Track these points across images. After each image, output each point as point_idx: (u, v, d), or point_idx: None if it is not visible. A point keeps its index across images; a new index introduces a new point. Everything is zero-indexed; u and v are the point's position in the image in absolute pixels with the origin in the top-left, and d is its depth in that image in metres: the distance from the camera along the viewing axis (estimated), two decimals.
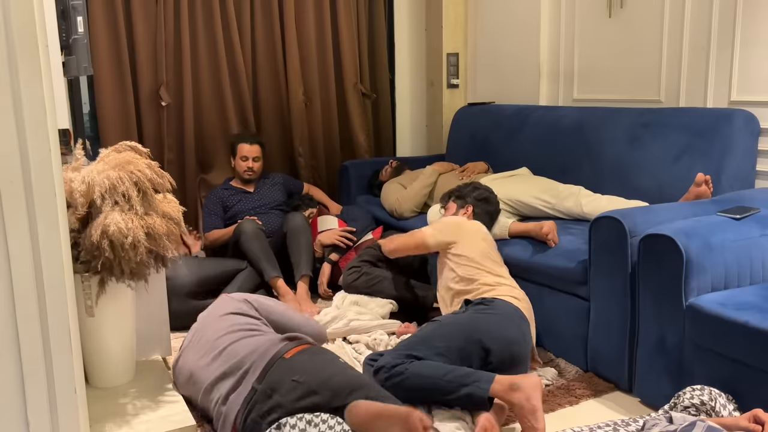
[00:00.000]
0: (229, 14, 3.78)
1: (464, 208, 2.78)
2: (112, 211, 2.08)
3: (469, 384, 1.99)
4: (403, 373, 2.05)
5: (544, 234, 2.61)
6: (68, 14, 2.62)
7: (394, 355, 2.13)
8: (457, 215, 2.76)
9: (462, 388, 1.99)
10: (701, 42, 2.90)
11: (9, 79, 1.41)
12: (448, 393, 2.01)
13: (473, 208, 2.77)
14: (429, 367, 2.06)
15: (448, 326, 2.25)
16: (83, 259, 2.10)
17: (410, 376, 2.04)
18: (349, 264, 3.14)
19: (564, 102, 3.69)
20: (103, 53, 3.52)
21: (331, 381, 1.84)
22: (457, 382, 2.00)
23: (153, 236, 2.14)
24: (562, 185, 3.03)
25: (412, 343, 2.20)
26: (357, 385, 1.84)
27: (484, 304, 2.33)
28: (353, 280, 3.03)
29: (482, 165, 3.58)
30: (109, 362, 2.29)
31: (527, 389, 1.92)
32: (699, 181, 2.50)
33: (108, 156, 2.26)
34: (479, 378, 2.00)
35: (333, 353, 2.05)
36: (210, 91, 3.84)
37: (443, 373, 2.03)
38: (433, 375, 2.03)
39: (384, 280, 3.01)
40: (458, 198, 2.84)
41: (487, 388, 1.96)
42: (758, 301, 1.92)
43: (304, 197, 3.83)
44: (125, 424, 2.03)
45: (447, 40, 4.26)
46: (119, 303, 2.25)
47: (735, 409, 1.82)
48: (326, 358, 1.98)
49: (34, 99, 1.44)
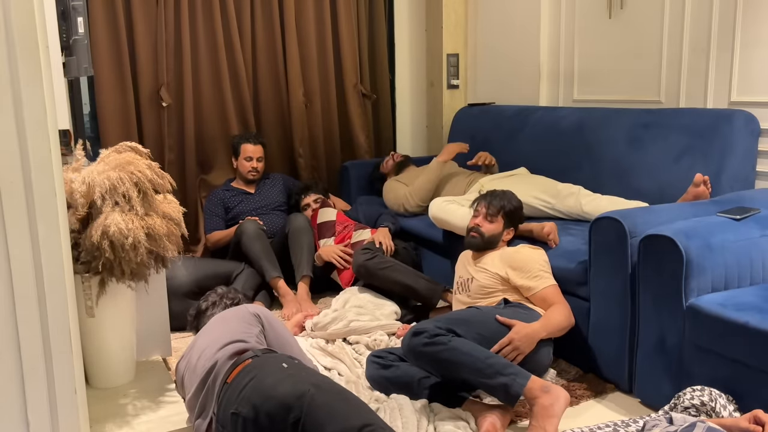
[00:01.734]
0: (230, 14, 3.78)
1: (508, 231, 2.65)
2: (112, 211, 2.09)
3: (507, 375, 1.99)
4: (446, 344, 2.05)
5: (546, 234, 2.61)
6: (68, 15, 2.62)
7: (435, 324, 2.13)
8: (501, 234, 2.63)
9: (499, 377, 2.00)
10: (701, 43, 2.90)
11: (9, 79, 1.41)
12: (484, 377, 2.01)
13: (513, 233, 2.70)
14: (471, 346, 2.06)
15: (490, 316, 2.27)
16: (83, 259, 2.10)
17: (451, 348, 2.04)
18: (363, 246, 3.11)
19: (564, 103, 3.69)
20: (104, 54, 3.52)
21: (276, 391, 1.67)
22: (495, 369, 2.01)
23: (153, 237, 2.14)
24: (561, 184, 3.03)
25: (452, 320, 2.20)
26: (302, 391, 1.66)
27: (523, 309, 2.35)
28: (366, 260, 2.97)
29: (491, 156, 3.53)
30: (110, 362, 2.29)
31: (556, 395, 1.95)
32: (697, 182, 2.50)
33: (108, 156, 2.27)
34: (517, 372, 2.01)
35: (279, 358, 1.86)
36: (210, 91, 3.84)
37: (485, 356, 2.04)
38: (474, 354, 2.04)
39: (395, 266, 2.97)
40: (509, 219, 2.64)
41: (523, 384, 1.97)
42: (758, 301, 1.92)
43: (304, 186, 3.80)
44: (125, 425, 2.03)
45: (447, 41, 4.26)
46: (119, 303, 2.26)
47: (735, 409, 1.82)
48: (267, 370, 1.77)
49: (34, 99, 1.44)
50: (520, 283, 2.43)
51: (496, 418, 2.00)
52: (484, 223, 2.61)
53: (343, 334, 2.74)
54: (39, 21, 1.46)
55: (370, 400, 2.21)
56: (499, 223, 2.62)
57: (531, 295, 2.41)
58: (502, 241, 2.64)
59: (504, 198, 2.66)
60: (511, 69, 3.97)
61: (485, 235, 2.60)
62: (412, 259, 3.30)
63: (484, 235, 2.60)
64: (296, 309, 3.09)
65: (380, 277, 2.95)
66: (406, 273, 2.97)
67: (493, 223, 2.61)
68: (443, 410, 2.09)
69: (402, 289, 2.95)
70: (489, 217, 2.62)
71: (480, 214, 2.64)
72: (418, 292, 2.95)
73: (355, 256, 3.06)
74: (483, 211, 2.64)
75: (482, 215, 2.63)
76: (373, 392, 2.26)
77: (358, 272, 3.02)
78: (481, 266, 2.55)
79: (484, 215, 2.62)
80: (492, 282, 2.48)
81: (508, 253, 2.52)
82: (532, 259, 2.46)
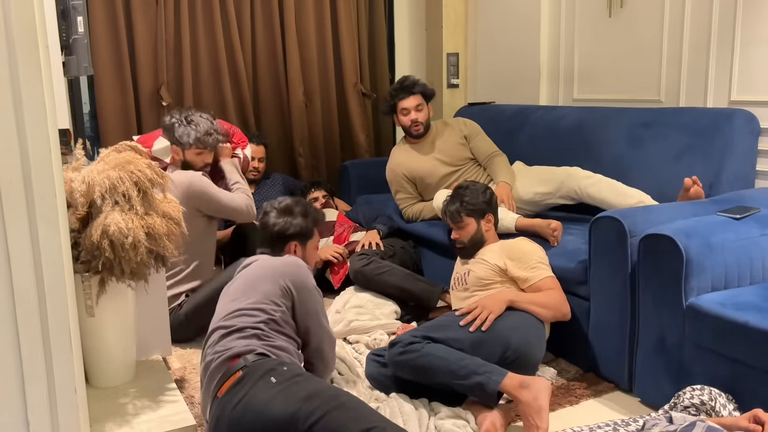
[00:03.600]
0: (229, 14, 3.78)
1: (486, 219, 2.61)
2: (112, 211, 2.08)
3: (481, 374, 2.01)
4: (419, 351, 2.08)
5: (552, 230, 2.60)
6: (68, 14, 2.62)
7: (411, 334, 2.16)
8: (479, 229, 2.60)
9: (474, 376, 2.01)
10: (701, 42, 2.90)
11: (9, 79, 1.41)
12: (459, 378, 2.03)
13: (494, 217, 2.66)
14: (445, 350, 2.08)
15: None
16: (83, 259, 2.10)
17: (425, 354, 2.07)
18: (359, 252, 3.11)
19: (564, 102, 3.69)
20: (104, 53, 3.52)
21: (267, 412, 1.67)
22: (469, 369, 2.03)
23: (153, 236, 2.14)
24: (558, 169, 3.00)
25: (429, 327, 2.23)
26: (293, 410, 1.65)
27: (521, 309, 2.33)
28: (362, 266, 2.98)
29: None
30: (110, 362, 2.29)
31: (536, 388, 1.95)
32: (687, 186, 2.49)
33: (108, 156, 2.27)
34: (492, 370, 2.02)
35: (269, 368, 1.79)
36: (210, 91, 3.84)
37: (458, 358, 2.05)
38: (447, 358, 2.06)
39: (392, 270, 2.97)
40: (477, 213, 2.59)
41: (498, 381, 1.98)
42: (758, 300, 1.92)
43: (314, 181, 3.81)
44: (125, 424, 2.03)
45: (447, 40, 4.26)
46: (119, 303, 2.25)
47: (735, 408, 1.82)
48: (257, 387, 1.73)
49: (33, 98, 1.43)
50: (517, 274, 2.42)
51: (496, 418, 2.00)
52: (458, 233, 2.62)
53: (344, 334, 2.75)
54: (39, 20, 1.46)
55: (370, 399, 2.21)
56: (469, 224, 2.59)
57: (528, 286, 2.40)
58: (487, 231, 2.61)
59: (456, 199, 2.63)
60: (511, 68, 3.97)
61: (466, 242, 2.61)
62: (411, 257, 3.30)
63: (466, 242, 2.61)
64: None
65: (377, 282, 2.96)
66: (403, 277, 2.97)
67: (464, 228, 2.60)
68: (443, 409, 2.10)
69: (399, 293, 2.95)
70: (456, 225, 2.62)
71: (452, 227, 2.65)
72: (415, 295, 2.96)
73: (351, 263, 3.06)
74: (451, 224, 2.65)
75: (453, 228, 2.64)
76: (373, 391, 2.26)
77: (355, 278, 3.03)
78: (480, 257, 2.55)
79: (455, 227, 2.63)
80: (490, 273, 2.47)
81: (507, 245, 2.52)
82: (531, 250, 2.46)
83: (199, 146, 2.93)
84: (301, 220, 2.29)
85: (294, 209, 2.31)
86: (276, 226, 2.27)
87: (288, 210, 2.31)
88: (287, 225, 2.27)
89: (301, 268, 2.10)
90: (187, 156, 2.95)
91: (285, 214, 2.29)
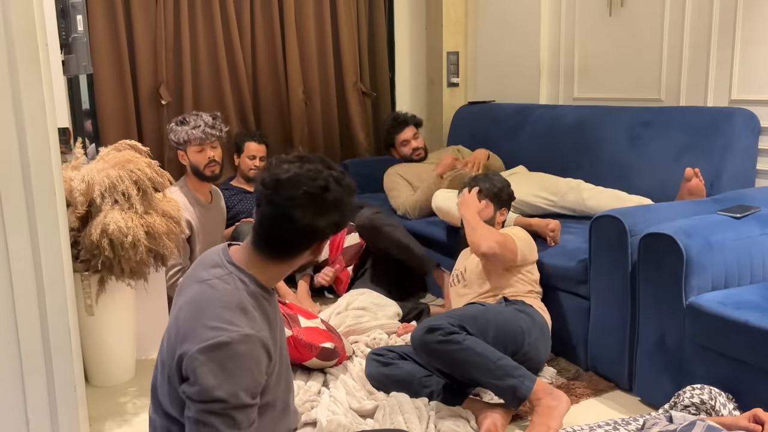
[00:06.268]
0: (229, 13, 3.78)
1: (501, 212, 2.60)
2: (111, 209, 2.08)
3: (515, 377, 2.00)
4: (461, 343, 2.04)
5: (550, 230, 2.60)
6: (68, 13, 2.62)
7: (449, 321, 2.10)
8: (494, 217, 2.58)
9: (508, 379, 2.00)
10: (702, 40, 2.90)
11: (9, 79, 1.41)
12: (494, 377, 2.02)
13: (507, 212, 2.65)
14: (484, 347, 2.06)
15: (496, 314, 2.26)
16: (83, 257, 2.10)
17: (466, 347, 2.04)
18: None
19: (564, 101, 3.69)
20: (103, 52, 3.52)
21: None
22: (505, 371, 2.02)
23: (153, 235, 2.14)
24: (561, 179, 3.01)
25: (463, 316, 2.18)
26: None
27: (524, 310, 2.33)
28: (373, 213, 3.07)
29: (483, 153, 3.43)
30: (109, 361, 2.29)
31: (559, 398, 1.99)
32: (688, 176, 2.49)
33: (108, 155, 2.27)
34: (525, 375, 2.02)
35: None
36: (210, 89, 3.84)
37: (497, 357, 2.04)
38: (486, 355, 2.04)
39: (398, 226, 3.09)
40: (497, 200, 2.59)
41: (530, 387, 1.99)
42: (758, 300, 1.92)
43: None
44: (125, 423, 2.03)
45: (447, 39, 4.26)
46: (119, 302, 2.25)
47: (735, 408, 1.82)
48: None
49: (33, 98, 1.44)
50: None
51: (496, 417, 2.00)
52: (482, 214, 2.55)
53: (344, 334, 2.74)
54: (38, 19, 1.46)
55: (370, 398, 2.21)
56: (487, 206, 2.56)
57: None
58: (497, 224, 2.59)
59: (487, 180, 2.61)
60: (512, 67, 3.97)
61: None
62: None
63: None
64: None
65: (384, 234, 3.01)
66: (407, 235, 3.07)
67: (486, 210, 2.55)
68: (443, 408, 2.09)
69: (400, 251, 3.00)
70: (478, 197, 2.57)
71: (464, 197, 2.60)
72: (414, 255, 3.02)
73: (362, 212, 3.10)
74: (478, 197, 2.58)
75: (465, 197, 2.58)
76: (373, 391, 2.26)
77: (362, 228, 3.05)
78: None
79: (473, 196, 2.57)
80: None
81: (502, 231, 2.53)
82: (515, 231, 2.47)
83: (194, 142, 2.95)
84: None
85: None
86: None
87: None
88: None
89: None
90: (191, 158, 3.01)
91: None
